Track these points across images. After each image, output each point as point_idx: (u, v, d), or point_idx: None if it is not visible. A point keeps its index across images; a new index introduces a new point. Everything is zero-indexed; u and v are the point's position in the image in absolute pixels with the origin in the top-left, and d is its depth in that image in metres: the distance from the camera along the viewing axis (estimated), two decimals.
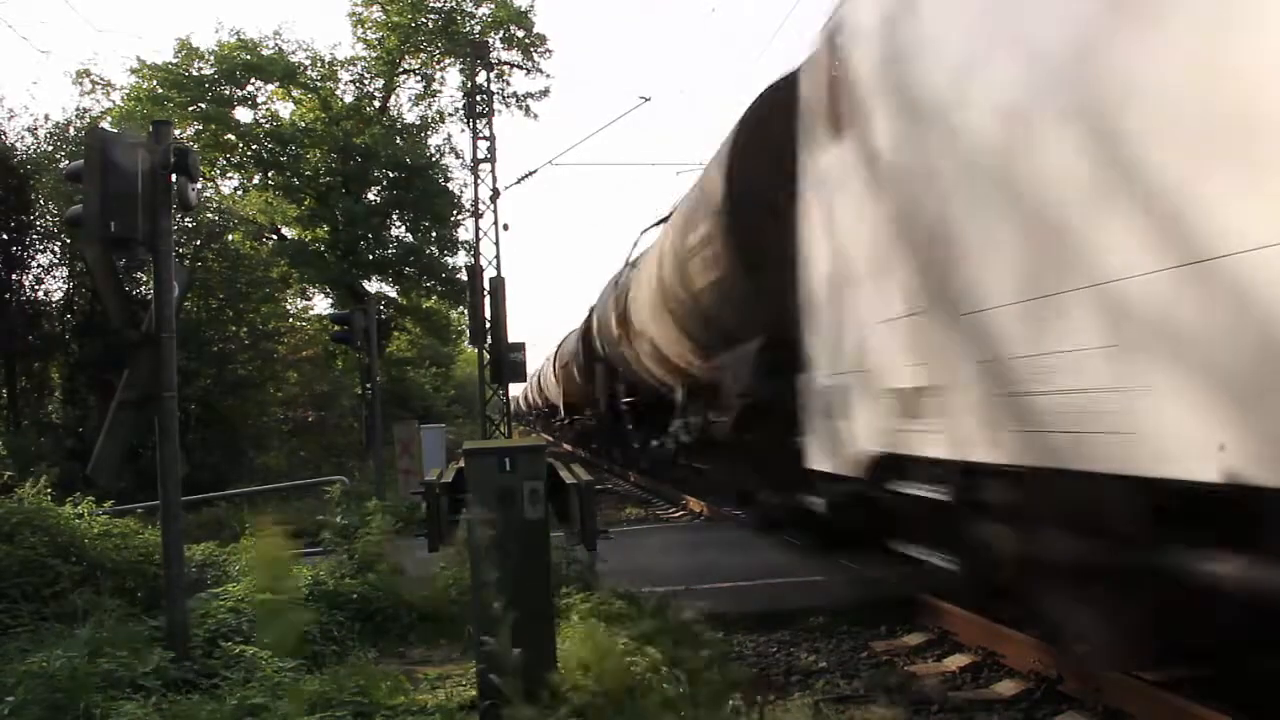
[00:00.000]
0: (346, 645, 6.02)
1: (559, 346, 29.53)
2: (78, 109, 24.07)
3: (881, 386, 5.41)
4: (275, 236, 25.65)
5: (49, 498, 7.36)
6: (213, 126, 24.22)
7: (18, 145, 16.25)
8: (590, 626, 5.21)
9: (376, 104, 26.56)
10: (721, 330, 9.61)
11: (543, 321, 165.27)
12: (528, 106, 26.37)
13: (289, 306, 24.93)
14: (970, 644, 5.77)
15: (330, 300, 25.58)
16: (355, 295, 22.97)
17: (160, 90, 23.80)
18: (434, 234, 26.00)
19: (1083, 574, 3.97)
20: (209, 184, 24.09)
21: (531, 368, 30.76)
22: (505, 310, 19.31)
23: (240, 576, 6.85)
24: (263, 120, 25.42)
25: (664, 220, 13.02)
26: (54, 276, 16.87)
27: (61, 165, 14.23)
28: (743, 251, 8.50)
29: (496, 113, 22.40)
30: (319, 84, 25.75)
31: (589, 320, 21.14)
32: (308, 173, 24.94)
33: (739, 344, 8.90)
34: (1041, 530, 4.20)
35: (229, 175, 25.87)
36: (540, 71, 26.53)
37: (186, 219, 16.61)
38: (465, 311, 22.78)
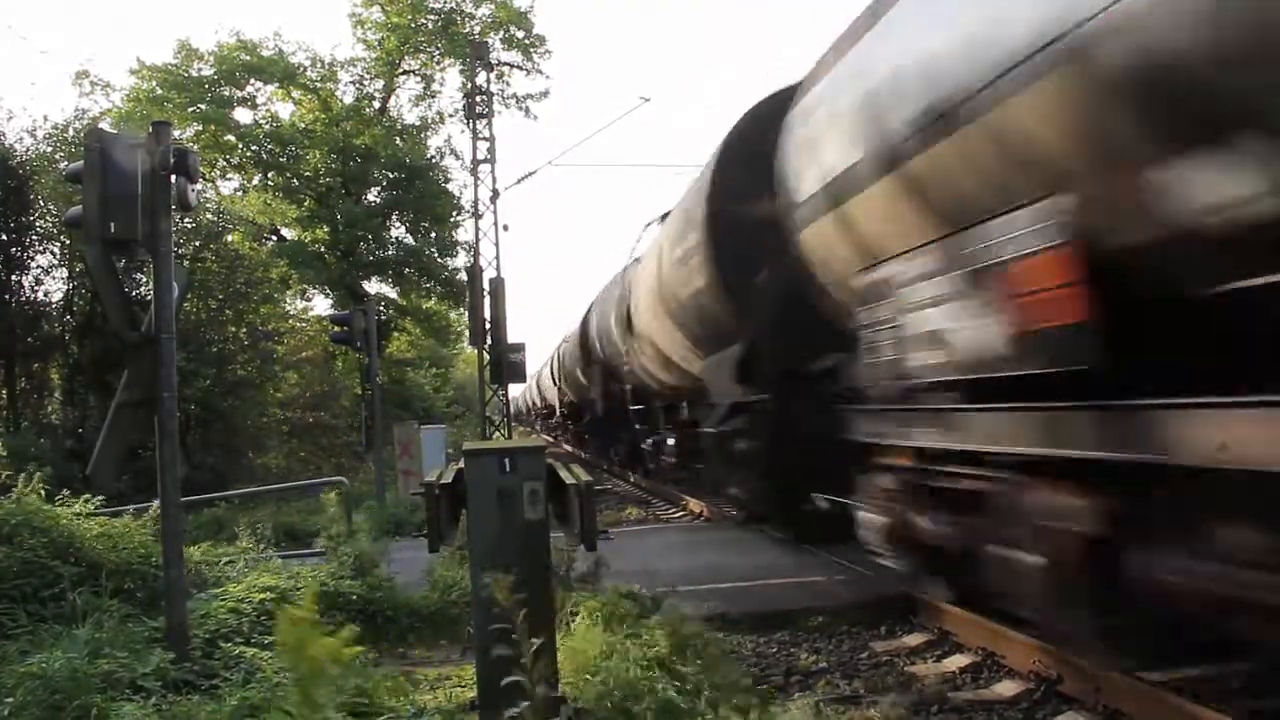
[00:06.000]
0: None
1: (558, 348, 29.53)
2: (77, 110, 24.08)
3: None
4: (275, 237, 25.63)
5: (41, 495, 7.19)
6: (212, 127, 24.20)
7: (17, 146, 16.21)
8: (591, 626, 5.21)
9: (376, 105, 26.55)
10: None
11: (543, 321, 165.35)
12: (527, 108, 26.42)
13: (289, 307, 24.91)
14: (970, 644, 5.76)
15: (330, 301, 25.56)
16: (355, 296, 22.94)
17: (160, 91, 23.80)
18: (434, 235, 25.98)
19: None
20: (208, 185, 24.08)
21: (531, 368, 30.72)
22: (505, 311, 19.28)
23: (239, 578, 6.83)
24: (262, 121, 25.42)
25: (665, 216, 13.36)
26: (53, 277, 16.86)
27: (61, 166, 14.21)
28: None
29: (496, 113, 22.31)
30: (319, 85, 25.73)
31: (585, 322, 21.35)
32: (307, 174, 24.92)
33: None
34: None
35: (229, 176, 25.88)
36: (540, 72, 26.58)
37: (186, 220, 16.58)
38: (465, 312, 22.74)
